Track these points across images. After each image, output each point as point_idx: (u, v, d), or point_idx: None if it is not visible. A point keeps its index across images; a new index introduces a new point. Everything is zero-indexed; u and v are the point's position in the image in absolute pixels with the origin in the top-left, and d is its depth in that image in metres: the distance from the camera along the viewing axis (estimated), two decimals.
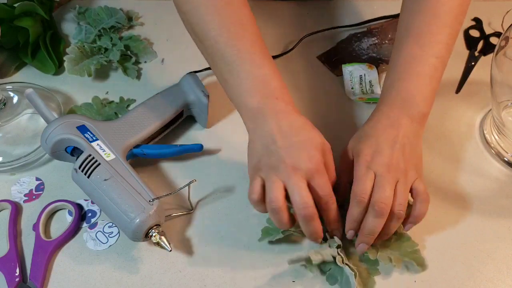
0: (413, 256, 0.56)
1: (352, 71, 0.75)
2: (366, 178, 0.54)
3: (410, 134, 0.56)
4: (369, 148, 0.55)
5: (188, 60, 0.78)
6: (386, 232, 0.55)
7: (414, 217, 0.55)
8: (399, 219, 0.54)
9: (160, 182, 0.64)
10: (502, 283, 0.55)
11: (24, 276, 0.56)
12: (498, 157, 0.66)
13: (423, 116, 0.58)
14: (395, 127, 0.56)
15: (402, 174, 0.54)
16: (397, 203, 0.53)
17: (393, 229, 0.55)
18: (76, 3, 0.86)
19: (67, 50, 0.74)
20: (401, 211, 0.53)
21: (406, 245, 0.56)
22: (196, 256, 0.58)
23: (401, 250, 0.56)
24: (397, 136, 0.55)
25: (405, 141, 0.55)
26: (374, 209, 0.53)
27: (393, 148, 0.55)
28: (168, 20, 0.84)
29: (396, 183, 0.54)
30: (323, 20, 0.84)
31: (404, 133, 0.56)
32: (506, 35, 0.60)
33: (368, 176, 0.54)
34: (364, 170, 0.54)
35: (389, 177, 0.53)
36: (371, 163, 0.54)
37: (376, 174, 0.54)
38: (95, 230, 0.60)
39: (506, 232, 0.59)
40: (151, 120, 0.64)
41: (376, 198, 0.53)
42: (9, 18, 0.74)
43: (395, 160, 0.54)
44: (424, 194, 0.55)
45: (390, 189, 0.53)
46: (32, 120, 0.69)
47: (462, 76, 0.75)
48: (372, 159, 0.55)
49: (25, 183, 0.64)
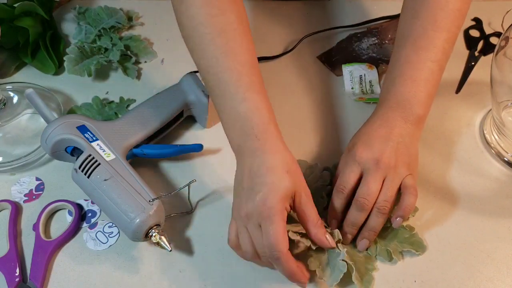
0: (411, 240, 0.56)
1: (352, 71, 0.75)
2: (350, 171, 0.56)
3: (404, 134, 0.57)
4: (361, 144, 0.57)
5: (188, 60, 0.77)
6: (371, 226, 0.55)
7: (401, 210, 0.55)
8: (383, 215, 0.55)
9: (160, 182, 0.64)
10: (502, 283, 0.55)
11: (24, 276, 0.56)
12: (498, 157, 0.66)
13: (418, 118, 0.58)
14: (389, 127, 0.57)
15: (392, 170, 0.55)
16: (380, 199, 0.55)
17: (378, 224, 0.55)
18: (76, 3, 0.86)
19: (67, 50, 0.74)
20: (384, 207, 0.54)
21: (402, 232, 0.57)
22: (196, 256, 0.58)
23: (398, 238, 0.57)
24: (391, 134, 0.57)
25: (399, 139, 0.56)
26: (356, 203, 0.55)
27: (385, 145, 0.56)
28: (168, 20, 0.84)
29: (384, 179, 0.55)
30: (323, 20, 0.84)
31: (398, 132, 0.57)
32: (506, 35, 0.60)
33: (352, 169, 0.56)
34: (350, 163, 0.56)
35: (376, 173, 0.55)
36: (360, 157, 0.56)
37: (364, 169, 0.56)
38: (95, 230, 0.60)
39: (506, 232, 0.59)
40: (151, 120, 0.64)
41: (359, 193, 0.55)
42: (9, 18, 0.74)
43: (386, 157, 0.55)
44: (411, 188, 0.55)
45: (374, 185, 0.54)
46: (32, 120, 0.69)
47: (462, 76, 0.75)
48: (361, 154, 0.56)
49: (25, 183, 0.64)
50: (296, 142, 0.68)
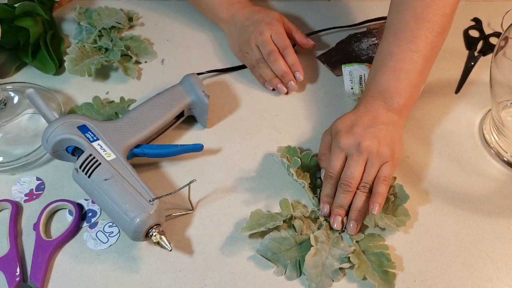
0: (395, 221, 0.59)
1: (352, 71, 0.75)
2: (336, 157, 0.60)
3: (387, 122, 0.60)
4: (345, 131, 0.60)
5: (188, 60, 0.78)
6: (355, 206, 0.58)
7: (373, 197, 0.58)
8: (364, 193, 0.58)
9: (160, 182, 0.64)
10: (502, 283, 0.56)
11: (24, 275, 0.56)
12: (497, 157, 0.66)
13: (400, 107, 0.61)
14: (372, 115, 0.61)
15: (373, 155, 0.59)
16: (363, 180, 0.59)
17: (361, 202, 0.58)
18: (77, 3, 0.86)
19: (68, 50, 0.74)
20: (365, 187, 0.58)
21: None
22: (196, 256, 0.58)
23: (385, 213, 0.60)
24: (373, 122, 0.60)
25: (381, 127, 0.59)
26: (341, 186, 0.59)
27: (367, 131, 0.59)
28: (168, 20, 0.84)
29: (366, 163, 0.59)
30: (323, 20, 0.84)
31: (381, 120, 0.60)
32: (505, 35, 0.60)
33: (338, 155, 0.60)
34: (335, 150, 0.60)
35: (359, 157, 0.59)
36: (344, 144, 0.59)
37: (347, 153, 0.60)
38: (96, 229, 0.60)
39: (505, 232, 0.60)
40: (152, 120, 0.64)
41: (343, 176, 0.59)
42: (9, 18, 0.74)
43: (367, 142, 0.59)
44: (381, 178, 0.58)
45: (357, 168, 0.59)
46: (33, 120, 0.69)
47: (461, 76, 0.75)
48: (345, 141, 0.59)
49: (25, 182, 0.64)
50: (296, 142, 0.68)
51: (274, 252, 0.57)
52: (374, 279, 0.54)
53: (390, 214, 0.59)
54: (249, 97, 0.74)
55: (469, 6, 0.86)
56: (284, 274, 0.56)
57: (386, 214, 0.59)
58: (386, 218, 0.59)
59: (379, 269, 0.56)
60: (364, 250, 0.57)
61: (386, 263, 0.56)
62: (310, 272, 0.55)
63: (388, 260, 0.56)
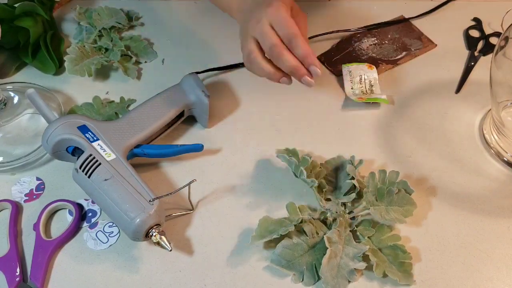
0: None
1: (352, 71, 0.75)
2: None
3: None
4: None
5: (188, 60, 0.78)
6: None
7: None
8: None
9: (160, 182, 0.64)
10: (502, 283, 0.56)
11: (24, 275, 0.56)
12: (497, 157, 0.66)
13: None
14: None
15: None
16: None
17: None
18: (77, 3, 0.86)
19: (68, 50, 0.74)
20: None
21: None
22: (196, 256, 0.58)
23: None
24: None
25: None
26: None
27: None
28: (168, 20, 0.84)
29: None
30: (323, 21, 0.84)
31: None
32: (505, 35, 0.60)
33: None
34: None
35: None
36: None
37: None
38: (96, 229, 0.60)
39: (505, 232, 0.60)
40: (152, 120, 0.64)
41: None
42: (9, 18, 0.74)
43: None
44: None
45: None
46: (33, 120, 0.69)
47: (462, 76, 0.75)
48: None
49: (25, 183, 0.64)
50: (296, 142, 0.68)
51: (288, 260, 0.56)
52: (394, 274, 0.54)
53: (395, 206, 0.59)
54: (249, 97, 0.74)
55: (469, 6, 0.86)
56: (301, 281, 0.55)
57: (392, 207, 0.59)
58: (392, 211, 0.58)
59: (395, 261, 0.55)
60: (378, 245, 0.57)
61: (402, 254, 0.56)
62: (326, 275, 0.54)
63: (403, 251, 0.56)
